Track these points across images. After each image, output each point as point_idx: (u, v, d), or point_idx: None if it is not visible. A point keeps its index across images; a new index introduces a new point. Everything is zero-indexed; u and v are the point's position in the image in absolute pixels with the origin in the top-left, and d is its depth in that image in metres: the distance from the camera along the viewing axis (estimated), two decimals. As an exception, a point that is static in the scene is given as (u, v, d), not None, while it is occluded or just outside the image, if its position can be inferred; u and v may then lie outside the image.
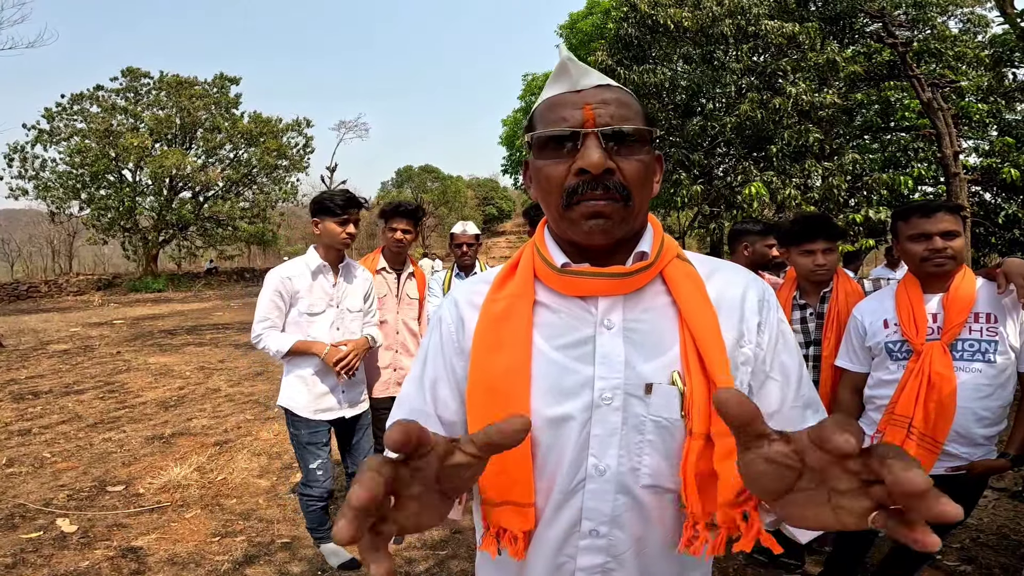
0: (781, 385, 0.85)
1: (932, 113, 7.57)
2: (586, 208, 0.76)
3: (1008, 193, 10.12)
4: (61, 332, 11.69)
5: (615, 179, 0.76)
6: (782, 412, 0.85)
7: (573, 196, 0.77)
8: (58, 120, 25.22)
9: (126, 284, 23.87)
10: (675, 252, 0.86)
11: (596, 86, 0.79)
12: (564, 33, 25.40)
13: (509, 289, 0.87)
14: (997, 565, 2.74)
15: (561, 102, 0.79)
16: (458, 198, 46.42)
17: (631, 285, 0.81)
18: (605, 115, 0.76)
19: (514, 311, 0.84)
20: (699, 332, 0.78)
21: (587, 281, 0.81)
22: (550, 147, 0.78)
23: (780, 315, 0.88)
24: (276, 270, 2.69)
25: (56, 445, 4.67)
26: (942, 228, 1.84)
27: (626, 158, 0.77)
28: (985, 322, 1.82)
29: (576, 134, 0.76)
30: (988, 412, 1.82)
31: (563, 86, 0.80)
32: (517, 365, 0.81)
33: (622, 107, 0.78)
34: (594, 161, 0.74)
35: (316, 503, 2.71)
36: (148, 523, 3.27)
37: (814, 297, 2.43)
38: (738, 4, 10.70)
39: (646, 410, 0.79)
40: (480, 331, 0.86)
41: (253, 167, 27.89)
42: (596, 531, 0.80)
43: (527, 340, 0.82)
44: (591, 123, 0.76)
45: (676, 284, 0.82)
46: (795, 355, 0.87)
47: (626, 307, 0.82)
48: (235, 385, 6.83)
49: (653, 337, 0.81)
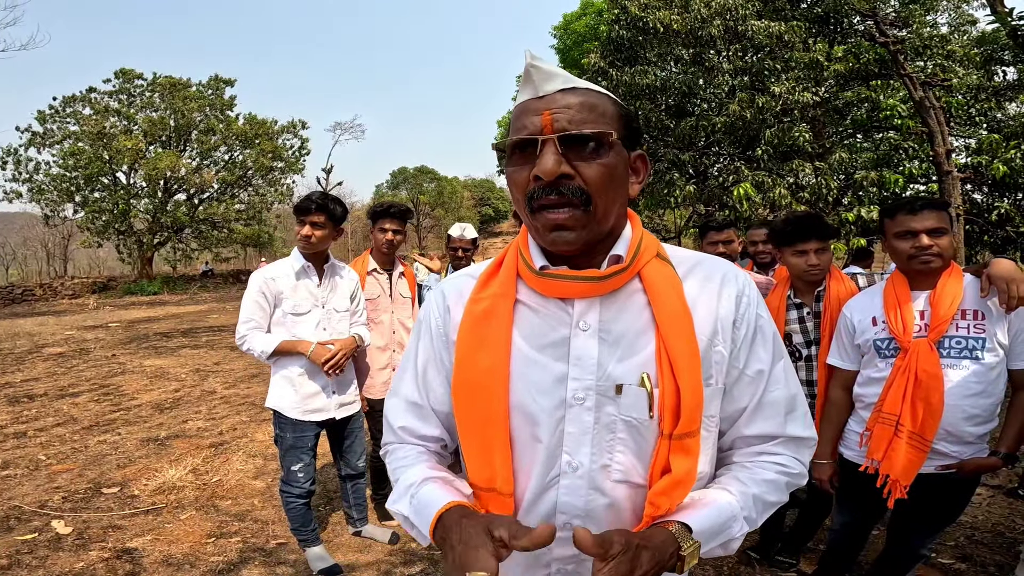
0: (753, 381, 0.87)
1: (924, 111, 7.61)
2: (547, 219, 0.78)
3: (999, 190, 10.17)
4: (56, 335, 11.64)
5: (574, 184, 0.77)
6: (753, 410, 0.88)
7: (532, 202, 0.79)
8: (51, 123, 25.07)
9: (121, 287, 23.76)
10: (654, 252, 0.87)
11: (560, 90, 0.79)
12: (558, 34, 25.42)
13: (492, 288, 0.89)
14: (992, 563, 2.75)
15: (525, 109, 0.80)
16: (454, 199, 46.40)
17: (606, 287, 0.82)
18: (563, 120, 0.77)
19: (496, 311, 0.87)
20: (670, 335, 0.80)
21: (564, 284, 0.83)
22: (515, 154, 0.80)
23: (760, 310, 0.88)
24: (259, 271, 2.69)
25: (51, 447, 4.66)
26: (928, 226, 1.84)
27: (586, 162, 0.77)
28: (973, 319, 1.82)
29: (534, 141, 0.77)
30: (978, 410, 1.82)
31: (528, 93, 0.81)
32: (497, 364, 0.84)
33: (584, 110, 0.78)
34: (547, 168, 0.75)
35: (296, 500, 2.71)
36: (143, 525, 3.27)
37: (809, 296, 2.43)
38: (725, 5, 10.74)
39: (617, 410, 0.82)
40: (464, 329, 0.89)
41: (248, 169, 27.76)
42: (570, 524, 0.83)
43: (507, 340, 0.85)
44: (548, 129, 0.77)
45: (652, 286, 0.83)
46: (771, 352, 0.88)
47: (602, 308, 0.84)
48: (231, 387, 6.82)
49: (627, 338, 0.83)
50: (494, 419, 0.84)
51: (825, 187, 9.83)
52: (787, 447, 0.88)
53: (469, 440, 0.87)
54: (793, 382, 0.90)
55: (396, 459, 0.96)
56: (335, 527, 3.25)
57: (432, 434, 0.96)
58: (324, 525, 3.28)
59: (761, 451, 0.89)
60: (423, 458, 0.94)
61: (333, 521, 3.33)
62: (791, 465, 0.88)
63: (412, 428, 0.96)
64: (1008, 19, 6.31)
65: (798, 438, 0.89)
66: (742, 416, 0.88)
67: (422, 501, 0.84)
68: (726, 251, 2.88)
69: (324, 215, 2.63)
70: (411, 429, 0.96)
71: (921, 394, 1.82)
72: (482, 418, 0.85)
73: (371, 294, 3.16)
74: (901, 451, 1.86)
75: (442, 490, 0.85)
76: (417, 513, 0.84)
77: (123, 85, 26.29)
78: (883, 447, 1.90)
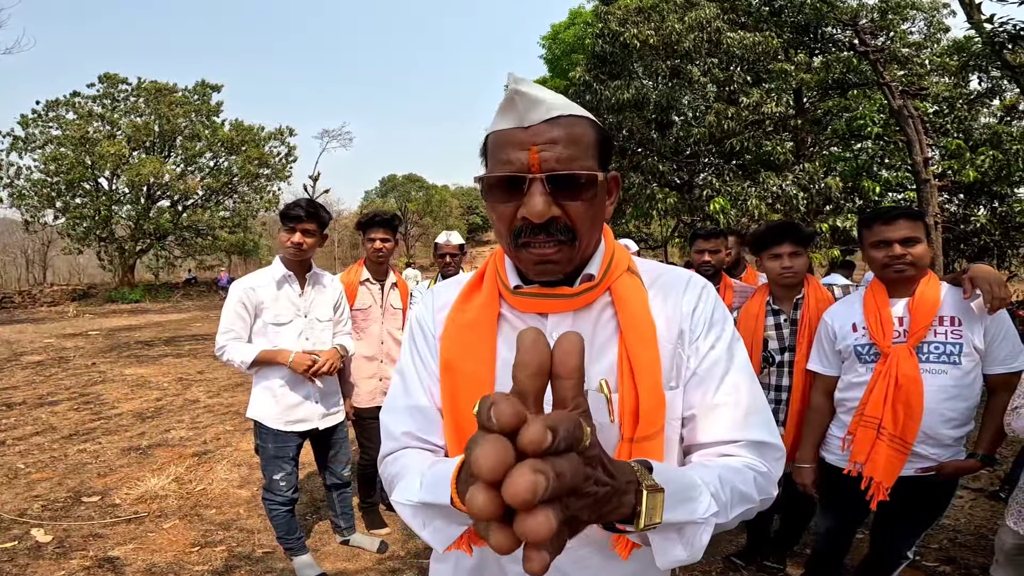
0: (704, 383, 0.86)
1: (903, 120, 7.77)
2: (535, 255, 0.80)
3: (974, 199, 10.38)
4: (35, 343, 11.43)
5: (560, 223, 0.79)
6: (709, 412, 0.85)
7: (519, 237, 0.80)
8: (33, 127, 24.78)
9: (102, 295, 23.43)
10: (624, 266, 0.90)
11: (544, 121, 0.77)
12: (547, 44, 25.61)
13: (477, 300, 0.92)
14: (976, 565, 2.79)
15: (509, 140, 0.79)
16: (443, 207, 46.40)
17: (577, 303, 0.86)
18: (551, 159, 0.76)
19: (481, 321, 0.90)
20: (632, 342, 0.83)
21: (538, 301, 0.87)
22: (499, 188, 0.80)
23: (718, 315, 0.90)
24: (240, 281, 2.65)
25: (30, 456, 4.58)
26: (902, 235, 1.89)
27: (572, 201, 0.79)
28: (950, 325, 1.88)
29: (521, 179, 0.77)
30: (955, 413, 1.87)
31: (511, 121, 0.79)
32: (482, 373, 0.87)
33: (570, 145, 0.77)
34: (537, 211, 0.76)
35: (279, 508, 2.68)
36: (125, 533, 3.22)
37: (787, 304, 2.48)
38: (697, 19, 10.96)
39: None
40: (450, 335, 0.91)
41: (234, 176, 27.59)
42: None
43: (492, 348, 0.88)
44: (536, 168, 0.76)
45: (620, 299, 0.87)
46: (727, 355, 0.87)
47: (574, 321, 0.87)
48: (214, 396, 6.74)
49: (593, 348, 0.86)
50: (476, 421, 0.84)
51: (796, 198, 10.00)
52: (749, 451, 0.83)
53: (454, 440, 0.88)
54: (755, 387, 0.88)
55: (399, 464, 0.90)
56: (322, 536, 3.23)
57: (436, 442, 0.93)
58: (311, 534, 3.25)
59: (722, 452, 0.85)
60: (428, 455, 0.91)
61: (320, 530, 3.30)
62: (757, 465, 0.82)
63: (415, 433, 0.93)
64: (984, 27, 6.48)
65: (761, 443, 0.84)
66: (699, 420, 0.86)
67: (432, 477, 0.76)
68: (711, 260, 2.92)
69: (315, 223, 2.61)
70: (414, 434, 0.93)
71: (901, 398, 1.86)
72: (465, 420, 0.87)
73: (362, 304, 3.15)
74: (883, 453, 1.90)
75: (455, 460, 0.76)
76: (429, 488, 0.75)
77: (107, 89, 26.07)
78: (866, 450, 1.94)
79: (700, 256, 2.95)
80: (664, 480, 0.63)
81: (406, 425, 0.93)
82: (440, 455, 0.93)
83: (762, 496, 0.81)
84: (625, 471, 0.59)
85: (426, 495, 0.75)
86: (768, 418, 0.86)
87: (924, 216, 2.01)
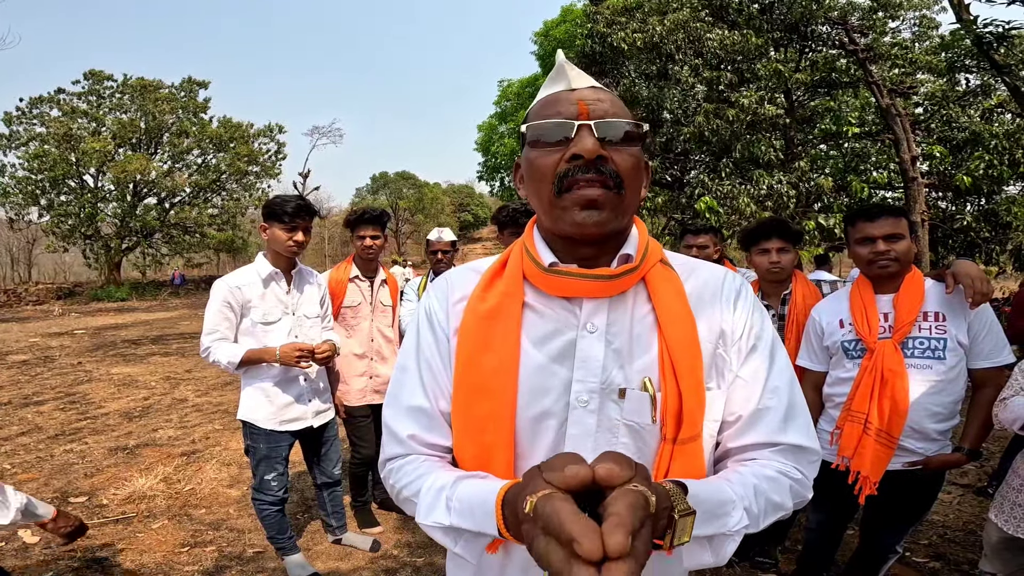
0: (748, 386, 0.84)
1: (890, 119, 7.84)
2: (579, 196, 0.77)
3: (962, 197, 10.49)
4: (20, 342, 11.27)
5: (608, 166, 0.78)
6: (749, 416, 0.84)
7: (565, 181, 0.78)
8: (16, 124, 24.40)
9: (88, 293, 23.11)
10: (659, 256, 0.87)
11: (591, 87, 0.83)
12: (539, 40, 25.61)
13: (499, 288, 0.87)
14: (965, 561, 2.83)
15: (557, 99, 0.82)
16: (434, 205, 46.29)
17: (616, 288, 0.82)
18: (599, 110, 0.79)
19: (503, 311, 0.85)
20: (673, 339, 0.80)
21: (573, 282, 0.82)
22: (543, 139, 0.80)
23: (758, 314, 0.88)
24: (223, 279, 2.57)
25: (16, 457, 4.52)
26: (885, 232, 1.93)
27: (618, 150, 0.79)
28: (934, 320, 1.91)
29: (570, 125, 0.78)
30: (940, 408, 1.90)
31: (559, 86, 0.83)
32: (506, 366, 0.82)
33: (615, 106, 0.82)
34: (588, 147, 0.76)
35: (269, 508, 2.66)
36: (113, 534, 3.19)
37: (775, 299, 2.51)
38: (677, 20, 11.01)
39: (619, 414, 0.81)
40: (469, 329, 0.86)
41: (222, 173, 27.30)
42: None
43: (516, 341, 0.83)
44: (585, 115, 0.78)
45: (656, 290, 0.83)
46: (769, 357, 0.86)
47: (610, 311, 0.83)
48: (203, 395, 6.69)
49: (632, 343, 0.82)
50: (497, 421, 0.81)
51: (787, 196, 10.08)
52: (786, 456, 0.82)
53: (465, 441, 0.84)
54: (795, 390, 0.86)
55: (408, 472, 0.87)
56: (314, 535, 3.21)
57: (442, 444, 0.89)
58: (303, 533, 3.23)
59: (760, 456, 0.83)
60: (439, 464, 0.87)
61: (312, 529, 3.29)
62: (791, 471, 0.81)
63: (419, 436, 0.89)
64: (973, 27, 6.53)
65: (798, 447, 0.83)
66: (737, 423, 0.84)
67: (465, 502, 0.74)
68: (699, 255, 2.95)
69: (310, 220, 2.60)
70: (419, 436, 0.89)
71: (887, 392, 1.89)
72: (483, 419, 0.82)
73: (352, 301, 3.14)
74: (870, 448, 1.93)
75: (483, 482, 0.76)
76: (464, 515, 0.74)
77: (92, 86, 25.68)
78: (853, 444, 1.97)
79: (689, 251, 2.97)
80: (698, 501, 0.66)
81: (410, 427, 0.89)
82: (447, 459, 0.90)
83: (796, 501, 0.82)
84: (663, 497, 0.62)
85: (463, 522, 0.74)
86: (807, 421, 0.85)
87: (907, 213, 2.04)
